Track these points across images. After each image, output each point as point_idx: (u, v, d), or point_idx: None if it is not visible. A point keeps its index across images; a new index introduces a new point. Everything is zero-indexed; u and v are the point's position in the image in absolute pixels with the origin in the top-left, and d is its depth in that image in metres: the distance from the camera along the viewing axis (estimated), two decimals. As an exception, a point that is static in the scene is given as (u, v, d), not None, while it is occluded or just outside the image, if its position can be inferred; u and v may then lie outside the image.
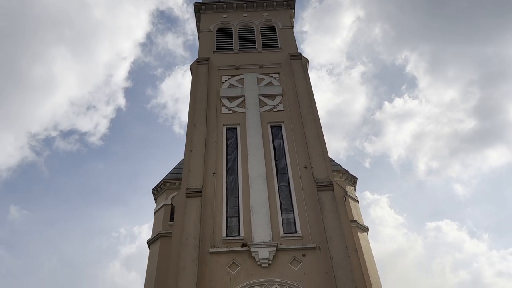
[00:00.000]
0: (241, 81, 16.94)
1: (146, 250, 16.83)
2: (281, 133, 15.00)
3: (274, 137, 14.87)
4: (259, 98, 16.09)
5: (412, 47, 61.60)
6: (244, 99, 16.08)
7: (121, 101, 63.80)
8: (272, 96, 16.26)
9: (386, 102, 67.49)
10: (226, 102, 16.07)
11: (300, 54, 17.85)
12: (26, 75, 53.27)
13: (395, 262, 50.76)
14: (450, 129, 57.12)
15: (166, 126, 68.01)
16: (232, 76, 17.16)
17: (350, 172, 19.36)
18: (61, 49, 55.74)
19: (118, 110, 64.05)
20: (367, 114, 66.16)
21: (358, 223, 16.77)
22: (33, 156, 56.94)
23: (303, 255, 11.33)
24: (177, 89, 67.86)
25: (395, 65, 66.29)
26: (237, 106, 15.91)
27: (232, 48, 18.80)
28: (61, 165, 59.79)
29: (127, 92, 65.42)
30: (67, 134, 60.81)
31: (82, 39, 55.85)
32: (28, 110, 54.23)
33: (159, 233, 16.36)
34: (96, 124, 61.10)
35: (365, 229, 17.17)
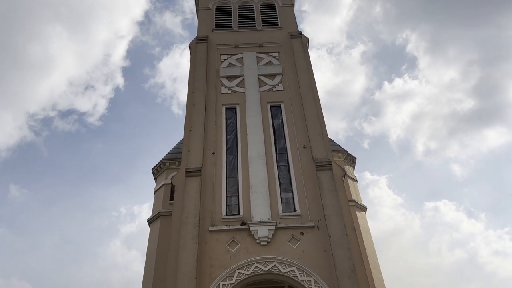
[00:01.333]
0: (240, 60, 16.77)
1: (147, 229, 17.07)
2: (281, 113, 14.96)
3: (273, 117, 14.84)
4: (258, 78, 15.98)
5: (412, 27, 60.81)
6: (244, 79, 15.96)
7: (120, 80, 63.34)
8: (271, 76, 16.14)
9: (385, 82, 67.13)
10: (225, 81, 15.95)
11: (300, 33, 17.61)
12: (22, 54, 52.69)
13: (393, 241, 51.57)
14: (449, 109, 57.03)
15: (165, 106, 67.77)
16: (232, 55, 16.98)
17: (349, 152, 19.43)
18: (57, 27, 54.96)
19: (117, 90, 63.70)
20: (367, 94, 65.87)
21: (357, 203, 16.96)
22: (32, 136, 56.97)
23: (302, 234, 11.49)
24: (175, 68, 67.31)
25: (396, 45, 65.61)
26: (237, 85, 15.80)
27: (231, 27, 18.53)
28: (60, 145, 59.89)
29: (125, 71, 64.90)
30: (65, 114, 60.66)
31: (78, 17, 55.01)
32: (26, 89, 53.91)
33: (159, 212, 16.55)
34: (94, 104, 60.83)
35: (363, 209, 17.37)
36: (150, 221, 16.91)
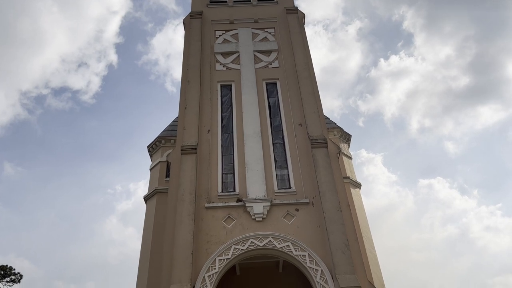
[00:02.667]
0: (235, 36, 16.52)
1: (143, 206, 17.21)
2: (276, 90, 14.87)
3: (269, 94, 14.75)
4: (254, 54, 15.78)
5: (409, 3, 59.93)
6: (239, 55, 15.76)
7: (113, 57, 62.37)
8: (267, 52, 15.95)
9: (381, 60, 66.60)
10: (220, 58, 15.75)
11: (296, 8, 17.29)
12: (12, 30, 51.49)
13: (386, 217, 52.49)
14: (444, 86, 57.02)
15: (158, 83, 67.14)
16: (226, 31, 16.70)
17: (345, 130, 19.47)
18: (47, 1, 53.56)
19: (110, 67, 62.81)
20: (362, 72, 65.49)
21: (351, 179, 17.13)
22: (25, 114, 56.44)
23: (297, 210, 11.64)
24: (168, 45, 66.28)
25: (392, 21, 64.85)
26: (232, 62, 15.62)
27: (226, 2, 18.13)
28: (54, 123, 59.49)
29: (119, 48, 63.83)
30: (58, 91, 59.97)
31: (69, -9, 53.50)
32: (17, 67, 53.04)
33: (155, 189, 16.65)
34: (88, 81, 60.07)
35: (358, 185, 17.56)
36: (146, 198, 17.03)
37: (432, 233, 51.96)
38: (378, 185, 54.94)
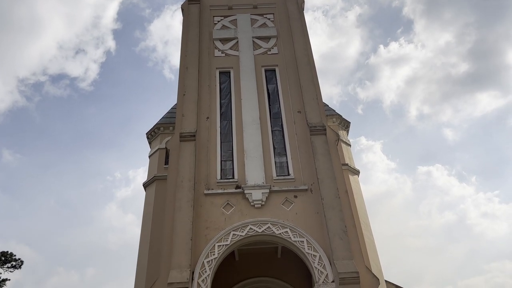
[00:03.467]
0: (234, 22, 16.35)
1: (142, 193, 17.27)
2: (275, 77, 14.80)
3: (268, 81, 14.69)
4: (252, 40, 15.65)
5: (410, -13, 59.20)
6: (238, 41, 15.63)
7: (111, 44, 61.82)
8: (266, 38, 15.81)
9: (381, 46, 66.12)
10: (219, 44, 15.62)
11: (295, -6, 17.07)
12: (10, 16, 50.88)
13: (384, 203, 52.88)
14: (444, 73, 56.82)
15: (157, 70, 66.71)
16: (225, 17, 16.52)
17: (344, 117, 19.45)
18: (43, -13, 52.79)
19: (108, 53, 62.29)
20: (362, 58, 65.10)
21: (350, 166, 17.18)
22: (23, 101, 56.19)
23: (295, 197, 11.71)
24: (166, 31, 65.64)
25: (392, 8, 64.19)
26: (230, 48, 15.50)
27: (224, -13, 17.87)
28: (53, 110, 59.29)
29: (116, 34, 63.20)
30: (56, 78, 59.58)
31: (65, -24, 52.77)
32: (15, 53, 52.57)
33: (154, 176, 16.69)
34: (86, 68, 59.68)
35: (356, 172, 17.62)
36: (146, 185, 17.09)
37: (430, 219, 52.44)
38: (377, 172, 55.22)
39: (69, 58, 58.70)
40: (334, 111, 19.49)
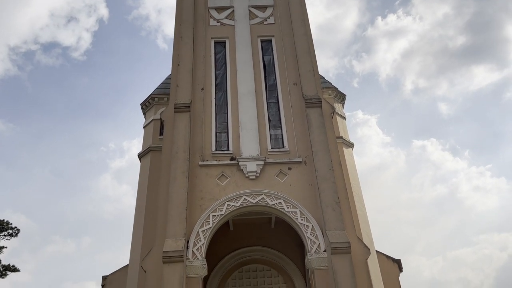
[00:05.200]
0: (230, -10, 15.89)
1: (137, 164, 17.31)
2: (271, 47, 14.57)
3: (264, 52, 14.47)
4: (249, 10, 15.30)
5: (411, -44, 57.60)
6: (233, 10, 15.26)
7: (103, 11, 60.16)
8: (262, 8, 15.45)
9: (379, 18, 65.08)
10: (214, 13, 15.25)
11: (293, -39, 16.53)
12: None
13: (378, 176, 53.56)
14: (441, 45, 56.28)
15: (150, 39, 65.38)
16: (221, -16, 16.03)
17: (339, 90, 19.34)
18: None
19: (100, 22, 60.73)
20: (358, 30, 64.12)
21: (344, 139, 17.25)
22: (15, 70, 55.13)
23: (289, 169, 11.81)
24: (159, -2, 63.85)
25: (392, -24, 62.55)
26: (226, 18, 15.16)
27: (220, -48, 17.26)
28: (45, 80, 58.36)
29: (109, 1, 61.40)
30: (48, 47, 58.29)
31: None
32: (5, 21, 51.07)
33: (149, 147, 16.68)
34: (78, 38, 58.32)
35: (351, 145, 17.72)
36: (141, 156, 17.11)
37: (422, 192, 53.38)
38: (372, 146, 55.60)
39: (60, 26, 57.27)
40: (330, 83, 19.35)
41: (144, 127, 18.20)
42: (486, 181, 56.08)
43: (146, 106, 18.54)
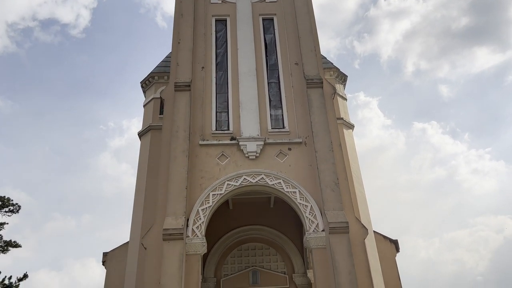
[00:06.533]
0: (231, -34, 15.52)
1: (136, 143, 17.31)
2: (273, 26, 14.36)
3: (265, 31, 14.27)
4: (250, -13, 14.98)
5: None
6: (235, -12, 14.95)
7: (102, -14, 58.91)
8: (264, -15, 15.11)
9: (383, -3, 63.78)
10: (215, -10, 14.93)
11: None
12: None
13: (377, 157, 53.69)
14: (443, 27, 55.44)
15: (149, 17, 64.32)
16: (222, -40, 15.65)
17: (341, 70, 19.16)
18: None
19: (99, -2, 59.61)
20: (361, 11, 63.05)
21: (344, 120, 17.21)
22: (13, 47, 54.42)
23: (289, 149, 11.82)
24: (160, -26, 62.52)
25: (397, -45, 61.08)
26: (227, -5, 14.86)
27: None
28: (44, 57, 57.67)
29: (108, -24, 60.09)
30: (46, 24, 57.37)
31: None
32: (1, -5, 50.08)
33: (149, 126, 16.65)
34: (77, 15, 57.36)
35: (351, 126, 17.69)
36: (141, 135, 17.09)
37: (420, 174, 53.62)
38: (372, 128, 55.51)
39: (59, 3, 56.19)
40: (332, 64, 19.15)
41: (144, 106, 18.12)
42: (485, 164, 56.28)
43: (146, 84, 18.40)
